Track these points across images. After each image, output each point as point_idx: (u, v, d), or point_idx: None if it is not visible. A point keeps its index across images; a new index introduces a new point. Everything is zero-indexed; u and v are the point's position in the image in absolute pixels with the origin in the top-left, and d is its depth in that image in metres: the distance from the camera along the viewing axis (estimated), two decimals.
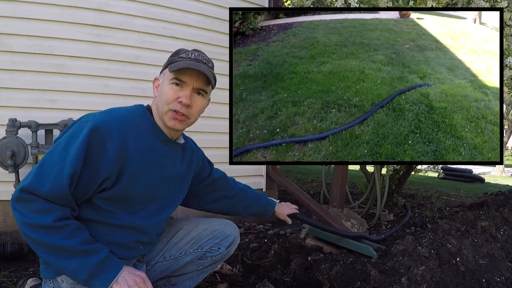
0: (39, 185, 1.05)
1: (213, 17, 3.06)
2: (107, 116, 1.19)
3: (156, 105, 1.29)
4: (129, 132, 1.19)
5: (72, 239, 1.06)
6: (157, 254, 1.47)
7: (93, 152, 1.11)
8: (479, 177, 8.92)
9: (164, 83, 1.27)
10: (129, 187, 1.20)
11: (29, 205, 1.05)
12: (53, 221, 1.05)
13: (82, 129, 1.12)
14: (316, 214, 2.68)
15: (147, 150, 1.24)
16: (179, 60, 1.25)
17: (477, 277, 1.76)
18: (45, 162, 1.10)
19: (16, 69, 2.39)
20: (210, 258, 1.49)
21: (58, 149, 1.11)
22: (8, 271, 2.00)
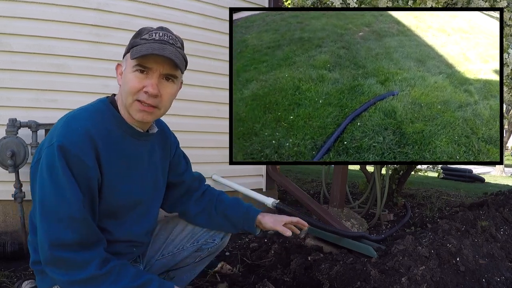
0: (61, 235, 0.99)
1: (213, 17, 3.06)
2: (68, 129, 1.06)
3: (120, 95, 1.15)
4: (96, 135, 1.08)
5: (121, 282, 1.03)
6: (156, 253, 1.48)
7: (79, 174, 1.03)
8: (479, 177, 8.92)
9: (127, 71, 1.12)
10: (110, 199, 1.13)
11: (67, 263, 1.00)
12: (98, 269, 1.01)
13: (53, 155, 1.02)
14: (316, 214, 2.68)
15: (119, 154, 1.15)
16: (142, 43, 1.09)
17: (477, 277, 1.76)
18: (46, 210, 1.02)
19: (16, 69, 2.39)
20: (206, 250, 1.51)
21: (47, 189, 1.02)
22: (8, 271, 2.00)
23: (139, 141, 1.21)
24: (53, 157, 1.02)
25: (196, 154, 3.04)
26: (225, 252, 2.40)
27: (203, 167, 3.05)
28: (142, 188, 1.25)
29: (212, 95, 3.09)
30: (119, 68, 1.19)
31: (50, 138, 1.07)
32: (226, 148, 3.12)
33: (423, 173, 4.87)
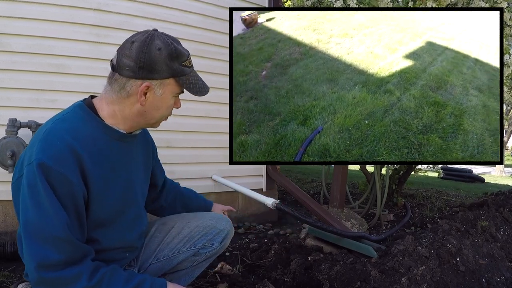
0: (48, 255, 0.97)
1: (213, 17, 3.06)
2: (48, 144, 1.01)
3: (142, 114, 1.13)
4: (79, 147, 1.03)
5: (115, 286, 1.03)
6: (150, 256, 1.44)
7: (62, 192, 0.99)
8: (479, 177, 8.93)
9: (166, 96, 1.11)
10: (98, 210, 1.10)
11: (55, 281, 0.98)
12: (88, 281, 0.99)
13: (34, 174, 0.98)
14: (316, 214, 2.68)
15: (103, 157, 1.10)
16: (187, 72, 1.12)
17: (477, 277, 1.76)
18: (30, 230, 0.98)
19: (16, 69, 2.39)
20: (204, 254, 1.48)
21: (30, 209, 0.99)
22: (8, 271, 2.00)
23: (124, 143, 1.18)
24: (33, 176, 0.98)
25: (196, 154, 3.04)
26: (225, 252, 2.40)
27: (203, 167, 3.05)
28: (130, 191, 1.22)
29: (212, 95, 3.07)
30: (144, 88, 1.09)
31: (30, 155, 1.02)
32: (226, 148, 3.12)
33: (423, 173, 4.88)
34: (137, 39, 1.08)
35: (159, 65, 1.07)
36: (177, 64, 1.10)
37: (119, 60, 1.09)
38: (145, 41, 1.07)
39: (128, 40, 1.10)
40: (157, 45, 1.07)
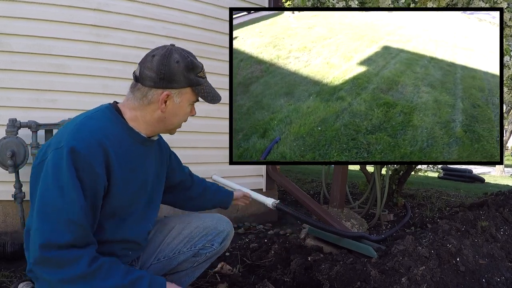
0: (56, 235, 1.00)
1: (213, 17, 3.06)
2: (80, 134, 1.09)
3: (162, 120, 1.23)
4: (107, 143, 1.11)
5: (112, 278, 1.03)
6: (151, 256, 1.45)
7: (86, 180, 1.04)
8: (479, 177, 8.93)
9: (183, 104, 1.22)
10: (114, 201, 1.16)
11: (55, 261, 1.00)
12: (87, 267, 1.00)
13: (61, 158, 1.03)
14: (316, 214, 2.68)
15: (127, 158, 1.19)
16: (202, 83, 1.23)
17: (477, 277, 1.76)
18: (46, 211, 1.02)
19: (16, 69, 2.39)
20: (204, 255, 1.49)
21: (51, 191, 1.03)
22: (8, 271, 2.00)
23: (144, 147, 1.27)
24: (61, 159, 1.03)
25: (196, 154, 3.04)
26: (225, 252, 2.40)
27: (203, 167, 3.05)
28: (142, 191, 1.28)
29: None
30: (164, 97, 1.19)
31: (58, 141, 1.08)
32: (226, 148, 3.11)
33: (423, 173, 4.88)
34: (157, 53, 1.19)
35: (178, 76, 1.18)
36: (193, 75, 1.21)
37: (141, 72, 1.19)
38: (165, 55, 1.18)
39: (149, 54, 1.20)
40: (175, 58, 1.18)
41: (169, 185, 1.52)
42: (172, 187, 1.55)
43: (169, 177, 1.51)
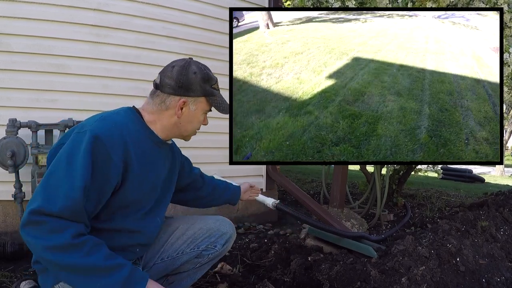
0: (49, 204, 1.02)
1: (213, 17, 3.06)
2: (104, 124, 1.17)
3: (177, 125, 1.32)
4: (127, 139, 1.18)
5: (93, 256, 1.04)
6: (154, 256, 1.47)
7: (99, 164, 1.09)
8: (479, 177, 8.93)
9: (198, 112, 1.32)
10: (128, 193, 1.20)
11: (42, 226, 1.01)
12: (71, 238, 1.01)
13: (82, 140, 1.09)
14: (316, 214, 2.68)
15: (144, 154, 1.25)
16: (215, 94, 1.33)
17: (477, 277, 1.76)
18: (50, 180, 1.06)
19: (16, 69, 2.39)
20: (206, 256, 1.51)
21: (62, 165, 1.08)
22: (8, 271, 2.00)
23: (160, 148, 1.34)
24: (81, 141, 1.09)
25: (196, 154, 3.03)
26: None
27: (203, 167, 3.02)
28: (154, 188, 1.34)
29: None
30: (182, 103, 1.29)
31: (81, 127, 1.16)
32: (226, 148, 3.11)
33: (423, 173, 4.88)
34: (176, 64, 1.30)
35: (195, 86, 1.29)
36: (208, 86, 1.32)
37: (161, 80, 1.29)
38: (184, 66, 1.29)
39: (169, 65, 1.31)
40: (193, 70, 1.29)
41: (181, 186, 1.59)
42: (183, 188, 1.63)
43: (181, 180, 1.58)
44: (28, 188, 2.30)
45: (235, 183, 1.91)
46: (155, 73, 1.42)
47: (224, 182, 1.85)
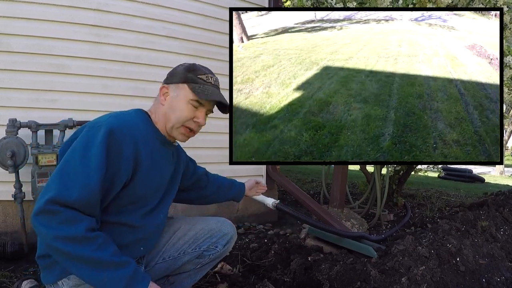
0: (66, 193, 1.03)
1: (213, 17, 3.06)
2: (118, 120, 1.20)
3: (164, 115, 1.32)
4: (137, 137, 1.22)
5: (103, 251, 1.06)
6: (156, 255, 1.48)
7: (112, 157, 1.12)
8: (479, 177, 8.93)
9: (180, 99, 1.30)
10: (137, 188, 1.23)
11: (56, 216, 1.02)
12: (85, 231, 1.03)
13: (97, 134, 1.12)
14: (316, 214, 2.68)
15: (151, 153, 1.28)
16: (201, 83, 1.31)
17: (477, 277, 1.76)
18: (65, 171, 1.08)
19: (16, 69, 2.39)
20: (207, 256, 1.52)
21: (77, 156, 1.09)
22: (8, 271, 2.00)
23: (166, 149, 1.38)
24: (95, 135, 1.12)
25: (196, 154, 3.02)
26: None
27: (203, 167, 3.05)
28: (159, 186, 1.36)
29: None
30: (163, 89, 1.33)
31: (94, 123, 1.18)
32: (226, 148, 3.11)
33: (423, 173, 4.88)
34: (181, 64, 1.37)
35: (178, 73, 1.33)
36: (193, 75, 1.31)
37: None
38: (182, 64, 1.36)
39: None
40: (184, 64, 1.35)
41: (184, 186, 1.61)
42: (188, 188, 1.66)
43: (185, 180, 1.60)
44: (28, 188, 2.30)
45: None
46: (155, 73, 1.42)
47: (229, 180, 1.86)
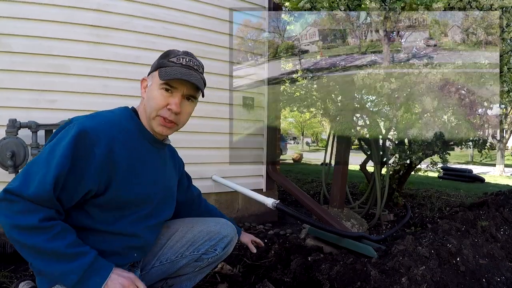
0: (23, 187, 1.04)
1: (213, 17, 3.06)
2: (93, 120, 1.17)
3: (144, 108, 1.27)
4: (116, 136, 1.17)
5: (58, 242, 1.04)
6: (153, 258, 1.44)
7: (80, 156, 1.09)
8: (479, 177, 8.93)
9: (153, 87, 1.25)
10: (121, 192, 1.18)
11: (13, 206, 1.04)
12: (38, 221, 1.03)
13: (68, 132, 1.11)
14: (316, 214, 2.68)
15: (136, 153, 1.22)
16: (169, 65, 1.23)
17: (477, 277, 1.76)
18: (31, 165, 1.09)
19: (16, 69, 2.39)
20: (206, 260, 1.47)
21: (45, 152, 1.10)
22: (8, 271, 2.00)
23: (154, 147, 1.31)
24: (67, 134, 1.11)
25: (196, 154, 3.04)
26: None
27: (203, 167, 3.05)
28: (150, 189, 1.29)
29: (212, 95, 3.09)
30: (143, 82, 1.31)
31: (71, 122, 1.17)
32: (226, 148, 3.12)
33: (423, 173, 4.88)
34: None
35: (154, 63, 1.29)
36: (165, 60, 1.26)
37: None
38: None
39: None
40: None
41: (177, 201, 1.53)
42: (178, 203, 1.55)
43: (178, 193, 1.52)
44: None
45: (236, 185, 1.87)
46: None
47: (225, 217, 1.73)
